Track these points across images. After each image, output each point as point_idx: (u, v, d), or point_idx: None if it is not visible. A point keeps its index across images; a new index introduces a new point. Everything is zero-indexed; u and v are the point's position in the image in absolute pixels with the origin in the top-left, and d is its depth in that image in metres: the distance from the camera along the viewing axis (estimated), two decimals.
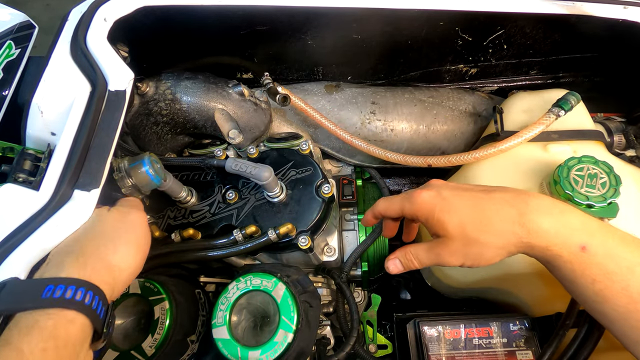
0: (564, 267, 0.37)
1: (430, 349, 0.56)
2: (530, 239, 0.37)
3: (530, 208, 0.38)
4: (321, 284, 0.67)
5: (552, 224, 0.37)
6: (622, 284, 0.35)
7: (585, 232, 0.37)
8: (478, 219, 0.39)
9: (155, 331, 0.45)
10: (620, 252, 0.36)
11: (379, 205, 0.48)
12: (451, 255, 0.40)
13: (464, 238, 0.39)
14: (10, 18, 0.60)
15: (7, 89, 0.55)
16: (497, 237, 0.38)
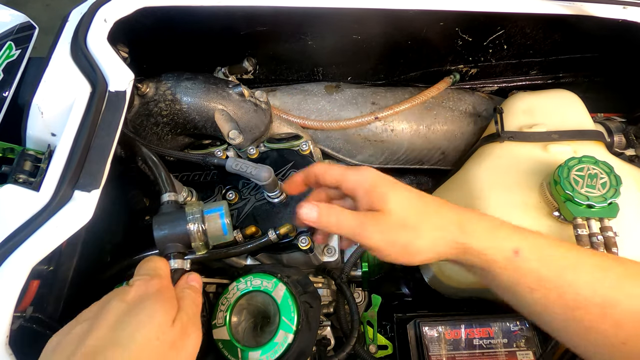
0: (501, 275, 0.36)
1: (431, 349, 0.56)
2: (466, 240, 0.36)
3: (469, 215, 0.38)
4: (321, 285, 0.67)
5: (488, 228, 0.37)
6: (558, 292, 0.35)
7: (518, 236, 0.37)
8: (421, 207, 0.38)
9: None
10: (551, 255, 0.36)
11: (317, 167, 0.42)
12: (377, 232, 0.37)
13: (401, 219, 0.37)
14: (10, 19, 0.60)
15: (7, 90, 0.55)
16: (433, 230, 0.37)
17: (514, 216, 0.57)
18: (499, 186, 0.61)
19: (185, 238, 0.41)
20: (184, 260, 0.42)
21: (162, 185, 0.47)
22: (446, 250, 0.37)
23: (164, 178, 0.47)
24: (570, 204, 0.52)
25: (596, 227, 0.51)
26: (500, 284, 0.37)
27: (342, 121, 0.75)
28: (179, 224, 0.42)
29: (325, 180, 0.42)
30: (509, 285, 0.36)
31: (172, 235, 0.41)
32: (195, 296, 0.37)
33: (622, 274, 0.35)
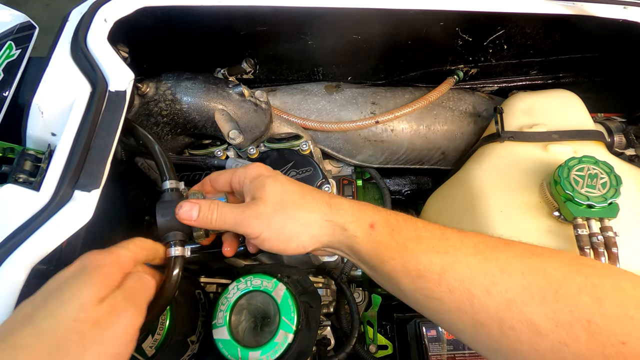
0: (362, 250, 0.39)
1: (431, 349, 0.56)
2: (333, 217, 0.39)
3: (338, 198, 0.42)
4: (321, 285, 0.67)
5: (351, 206, 0.41)
6: (402, 261, 0.37)
7: (375, 212, 0.40)
8: (296, 193, 0.41)
9: (156, 332, 0.45)
10: (399, 228, 0.38)
11: (212, 174, 0.47)
12: (256, 218, 0.39)
13: (277, 204, 0.39)
14: (10, 19, 0.60)
15: (7, 90, 0.55)
16: (306, 212, 0.40)
17: (514, 216, 0.57)
18: (499, 186, 0.61)
19: (186, 227, 0.42)
20: (184, 248, 0.42)
21: (164, 173, 0.46)
22: (319, 231, 0.40)
23: (168, 165, 0.47)
24: (571, 204, 0.52)
25: (596, 227, 0.51)
26: (363, 260, 0.40)
27: (342, 123, 0.75)
28: None
29: (219, 184, 0.46)
30: (369, 259, 0.39)
31: (175, 222, 0.41)
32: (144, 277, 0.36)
33: (457, 245, 0.37)
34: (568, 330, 0.30)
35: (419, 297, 0.37)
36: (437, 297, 0.36)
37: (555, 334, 0.31)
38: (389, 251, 0.38)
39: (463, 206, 0.64)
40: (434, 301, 0.36)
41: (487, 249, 0.36)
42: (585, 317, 0.30)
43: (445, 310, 0.36)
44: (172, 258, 0.41)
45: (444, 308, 0.36)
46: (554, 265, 0.34)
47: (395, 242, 0.38)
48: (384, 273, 0.39)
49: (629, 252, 0.52)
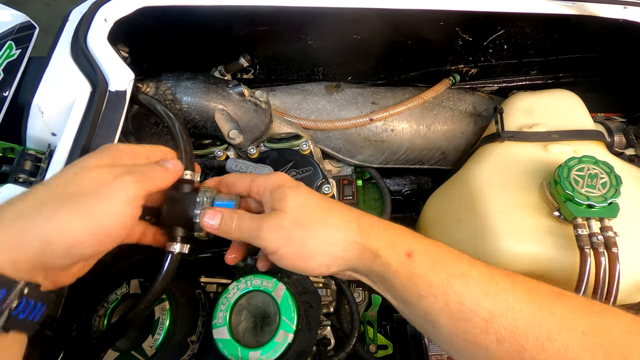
0: (395, 279, 0.35)
1: (431, 349, 0.56)
2: (363, 240, 0.36)
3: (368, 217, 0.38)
4: (321, 285, 0.67)
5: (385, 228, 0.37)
6: (444, 300, 0.33)
7: (413, 239, 0.36)
8: (320, 206, 0.37)
9: (156, 331, 0.45)
10: (442, 262, 0.34)
11: (228, 177, 0.44)
12: (273, 231, 0.36)
13: (297, 217, 0.36)
14: (11, 19, 0.60)
15: (7, 90, 0.55)
16: (330, 229, 0.36)
17: (514, 216, 0.57)
18: (499, 186, 0.61)
19: (191, 222, 0.41)
20: (183, 245, 0.41)
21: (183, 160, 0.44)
22: (344, 253, 0.36)
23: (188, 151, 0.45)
24: (571, 204, 0.52)
25: (596, 227, 0.51)
26: (393, 290, 0.36)
27: (337, 121, 0.75)
28: (188, 206, 0.41)
29: (236, 189, 0.43)
30: (402, 292, 0.35)
31: (179, 215, 0.41)
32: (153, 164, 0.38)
33: (508, 288, 0.33)
34: None
35: (459, 342, 0.33)
36: (482, 346, 0.32)
37: None
38: (428, 286, 0.34)
39: (463, 206, 0.64)
40: (478, 350, 0.32)
41: (542, 297, 0.32)
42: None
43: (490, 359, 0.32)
44: (169, 254, 0.41)
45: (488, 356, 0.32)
46: (618, 327, 0.30)
47: (437, 277, 0.33)
48: (419, 310, 0.35)
49: (629, 252, 0.51)
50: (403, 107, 0.75)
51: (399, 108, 0.75)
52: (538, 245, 0.55)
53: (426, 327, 0.36)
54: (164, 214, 0.41)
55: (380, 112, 0.75)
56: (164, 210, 0.41)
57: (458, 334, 0.33)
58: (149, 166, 0.37)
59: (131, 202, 0.33)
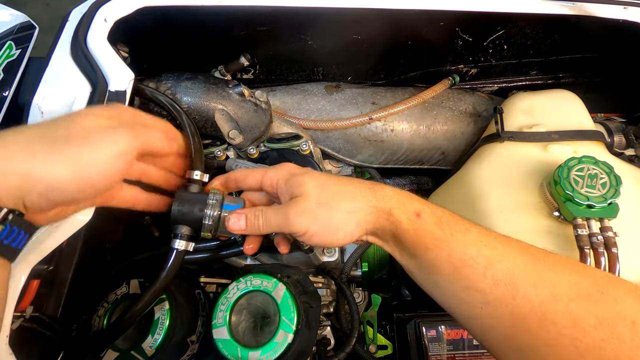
0: (405, 236, 0.39)
1: (431, 349, 0.56)
2: (378, 203, 0.39)
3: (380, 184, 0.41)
4: (321, 285, 0.67)
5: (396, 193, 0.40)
6: (447, 250, 0.37)
7: (420, 202, 0.40)
8: (336, 185, 0.41)
9: (155, 331, 0.45)
10: (446, 221, 0.38)
11: (237, 173, 0.45)
12: (300, 215, 0.39)
13: (319, 197, 0.39)
14: (10, 19, 0.60)
15: (7, 90, 0.55)
16: (350, 200, 0.39)
17: (514, 216, 0.57)
18: (499, 186, 0.61)
19: (198, 222, 0.42)
20: (188, 243, 0.42)
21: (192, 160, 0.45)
22: (365, 218, 0.39)
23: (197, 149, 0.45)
24: (570, 204, 0.52)
25: (596, 227, 0.51)
26: (405, 246, 0.40)
27: (337, 121, 0.75)
28: (197, 207, 0.42)
29: (247, 184, 0.45)
30: (411, 246, 0.39)
31: (188, 215, 0.42)
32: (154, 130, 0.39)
33: (505, 242, 0.37)
34: (612, 328, 0.30)
35: (458, 288, 0.37)
36: (479, 289, 0.35)
37: (598, 331, 0.31)
38: (434, 240, 0.37)
39: (463, 206, 0.64)
40: (475, 293, 0.36)
41: (535, 250, 0.37)
42: (630, 317, 0.30)
43: (484, 302, 0.35)
44: (174, 250, 0.41)
45: (483, 300, 0.35)
46: (600, 274, 0.35)
47: (442, 232, 0.37)
48: (425, 261, 0.38)
49: (629, 252, 0.52)
50: (402, 107, 0.75)
51: (398, 107, 0.75)
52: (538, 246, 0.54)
53: (428, 280, 0.40)
54: (174, 213, 0.41)
55: (380, 111, 0.75)
56: (174, 209, 0.41)
57: (458, 280, 0.36)
58: (148, 128, 0.38)
59: (120, 155, 0.34)
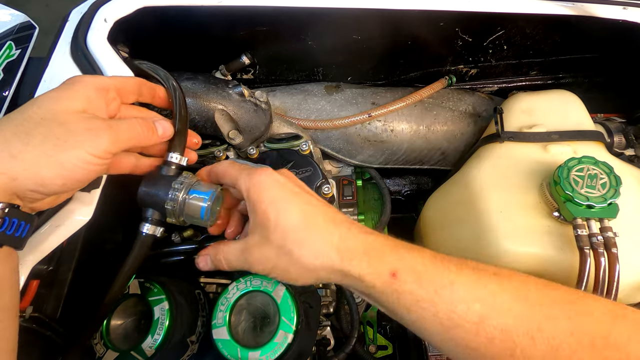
0: (381, 299, 0.36)
1: (431, 349, 0.56)
2: (344, 267, 0.35)
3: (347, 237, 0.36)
4: (321, 285, 0.67)
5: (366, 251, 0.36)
6: (432, 311, 0.33)
7: (396, 257, 0.35)
8: (301, 230, 0.36)
9: (155, 332, 0.45)
10: (428, 276, 0.34)
11: (219, 166, 0.43)
12: (260, 263, 0.38)
13: (280, 243, 0.36)
14: (10, 19, 0.60)
15: (7, 90, 0.55)
16: (312, 258, 0.36)
17: (513, 216, 0.57)
18: (499, 186, 0.61)
19: (162, 206, 0.40)
20: (156, 228, 0.41)
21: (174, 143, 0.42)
22: (327, 276, 0.37)
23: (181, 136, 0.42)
24: (570, 205, 0.52)
25: (596, 227, 0.51)
26: (381, 305, 0.37)
27: (336, 120, 0.75)
28: (163, 190, 0.39)
29: (224, 180, 0.42)
30: (390, 307, 0.36)
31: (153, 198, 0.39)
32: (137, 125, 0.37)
33: (496, 290, 0.33)
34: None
35: (451, 346, 0.34)
36: (473, 347, 0.33)
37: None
38: (416, 301, 0.34)
39: (463, 206, 0.64)
40: (469, 351, 0.33)
41: (529, 293, 0.33)
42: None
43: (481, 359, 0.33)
44: (140, 234, 0.40)
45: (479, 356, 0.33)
46: (600, 310, 0.32)
47: (424, 291, 0.34)
48: (408, 321, 0.35)
49: (629, 252, 0.52)
50: (401, 104, 0.75)
51: (396, 105, 0.75)
52: (538, 246, 0.55)
53: (419, 333, 0.37)
54: (140, 194, 0.39)
55: (379, 109, 0.75)
56: (140, 190, 0.39)
57: (449, 340, 0.34)
58: (131, 123, 0.37)
59: (101, 155, 0.33)
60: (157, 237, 0.41)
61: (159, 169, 0.41)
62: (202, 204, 0.40)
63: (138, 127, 0.37)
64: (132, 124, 0.37)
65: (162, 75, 0.46)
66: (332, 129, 0.77)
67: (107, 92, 0.37)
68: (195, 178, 0.42)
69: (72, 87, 0.35)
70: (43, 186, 0.32)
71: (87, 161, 0.33)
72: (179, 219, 0.41)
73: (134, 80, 0.40)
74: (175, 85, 0.44)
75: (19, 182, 0.31)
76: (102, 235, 0.56)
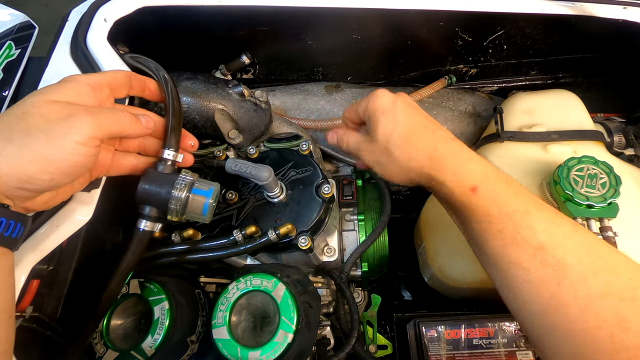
0: (456, 204, 0.40)
1: (431, 349, 0.56)
2: (432, 172, 0.40)
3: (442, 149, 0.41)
4: (321, 285, 0.67)
5: (454, 162, 0.40)
6: (499, 227, 0.37)
7: (481, 177, 0.39)
8: (403, 136, 0.42)
9: (155, 331, 0.45)
10: (505, 199, 0.38)
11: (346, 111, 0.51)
12: (367, 154, 0.45)
13: (383, 145, 0.43)
14: (10, 18, 0.60)
15: (7, 90, 0.55)
16: (406, 160, 0.42)
17: None
18: None
19: (164, 203, 0.40)
20: (154, 224, 0.41)
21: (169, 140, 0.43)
22: (416, 177, 0.42)
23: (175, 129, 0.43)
24: (570, 204, 0.52)
25: (596, 227, 0.51)
26: (453, 209, 0.42)
27: (336, 119, 0.75)
28: (165, 188, 0.40)
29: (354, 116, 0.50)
30: (460, 214, 0.40)
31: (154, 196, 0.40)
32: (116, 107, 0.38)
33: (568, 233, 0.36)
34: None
35: (503, 260, 0.37)
36: (525, 267, 0.35)
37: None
38: (487, 215, 0.37)
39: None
40: (519, 269, 0.35)
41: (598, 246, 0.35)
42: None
43: (527, 280, 0.35)
44: (139, 230, 0.41)
45: (526, 278, 0.35)
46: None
47: (498, 209, 0.37)
48: (473, 230, 0.39)
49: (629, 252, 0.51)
50: None
51: None
52: None
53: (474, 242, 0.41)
54: (139, 192, 0.40)
55: None
56: (139, 188, 0.40)
57: (504, 255, 0.37)
58: (113, 109, 0.37)
59: (86, 142, 0.33)
60: (155, 233, 0.42)
61: (155, 166, 0.42)
62: (205, 200, 0.42)
63: (120, 113, 0.37)
64: (113, 109, 0.37)
65: (152, 67, 0.46)
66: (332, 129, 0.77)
67: (100, 89, 0.37)
68: (195, 176, 0.43)
69: (63, 83, 0.35)
70: (29, 182, 0.31)
71: (72, 151, 0.32)
72: (180, 217, 0.42)
73: (123, 73, 0.40)
74: (166, 77, 0.44)
75: (4, 179, 0.30)
76: (102, 235, 0.56)
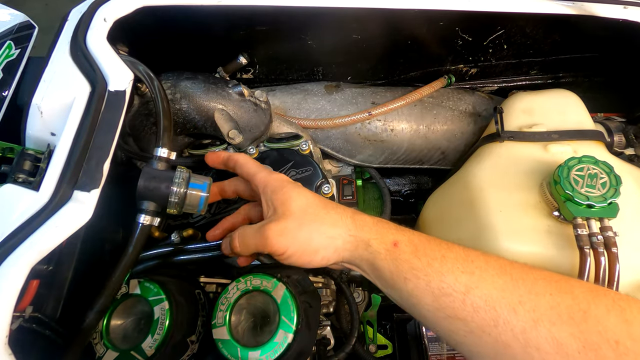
0: (383, 266, 0.40)
1: (431, 348, 0.56)
2: (357, 233, 0.41)
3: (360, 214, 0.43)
4: (321, 284, 0.67)
5: (374, 223, 0.42)
6: (425, 280, 0.37)
7: (397, 231, 0.41)
8: (320, 208, 0.42)
9: (155, 331, 0.45)
10: (423, 249, 0.39)
11: (240, 157, 0.50)
12: (280, 235, 0.41)
13: (301, 218, 0.41)
14: (10, 18, 0.60)
15: (7, 90, 0.55)
16: (330, 227, 0.41)
17: (513, 216, 0.57)
18: (499, 186, 0.61)
19: (164, 198, 0.44)
20: (153, 218, 0.44)
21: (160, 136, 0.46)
22: (343, 245, 0.41)
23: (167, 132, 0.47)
24: (570, 204, 0.52)
25: (596, 227, 0.51)
26: (383, 278, 0.40)
27: (336, 119, 0.75)
28: (164, 184, 0.44)
29: (241, 171, 0.49)
30: (390, 277, 0.40)
31: (154, 191, 0.43)
32: None
33: (482, 266, 0.36)
34: (596, 351, 0.30)
35: (440, 316, 0.37)
36: (461, 317, 0.35)
37: (582, 354, 0.30)
38: (412, 269, 0.38)
39: (463, 206, 0.64)
40: (457, 322, 0.35)
41: (514, 270, 0.36)
42: (613, 338, 0.30)
43: (468, 331, 0.35)
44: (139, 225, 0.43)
45: (466, 329, 0.35)
46: (581, 289, 0.34)
47: (419, 261, 0.38)
48: (404, 292, 0.39)
49: (629, 252, 0.51)
50: (402, 102, 0.75)
51: (397, 103, 0.75)
52: (537, 245, 0.55)
53: (412, 309, 0.40)
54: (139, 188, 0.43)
55: (379, 107, 0.75)
56: (140, 185, 0.43)
57: (439, 309, 0.36)
58: None
59: None
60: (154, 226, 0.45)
61: (152, 164, 0.45)
62: (201, 194, 0.46)
63: None
64: None
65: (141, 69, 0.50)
66: (332, 128, 0.77)
67: None
68: (189, 171, 0.47)
69: None
70: None
71: None
72: (179, 210, 0.45)
73: None
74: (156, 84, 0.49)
75: None
76: (102, 235, 0.56)
